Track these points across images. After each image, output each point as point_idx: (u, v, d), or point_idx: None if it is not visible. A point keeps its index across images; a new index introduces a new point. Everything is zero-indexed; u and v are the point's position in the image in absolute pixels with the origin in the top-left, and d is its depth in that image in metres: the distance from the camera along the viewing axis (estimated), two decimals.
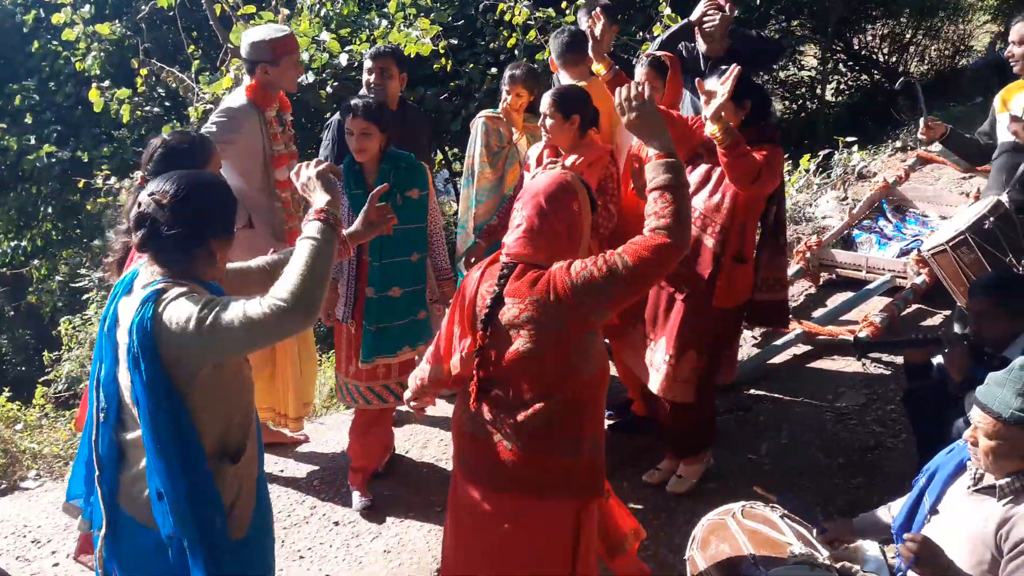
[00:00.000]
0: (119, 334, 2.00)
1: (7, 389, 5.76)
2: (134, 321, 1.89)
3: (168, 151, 2.56)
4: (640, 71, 3.68)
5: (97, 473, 2.06)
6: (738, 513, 2.61)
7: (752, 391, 4.25)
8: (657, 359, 3.34)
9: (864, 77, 11.31)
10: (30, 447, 4.77)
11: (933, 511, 2.40)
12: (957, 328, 3.58)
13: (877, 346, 3.88)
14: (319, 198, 2.07)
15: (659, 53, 3.76)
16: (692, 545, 2.62)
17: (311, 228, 1.97)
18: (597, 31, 3.25)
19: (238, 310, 1.83)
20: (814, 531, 2.63)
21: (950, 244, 3.51)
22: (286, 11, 6.12)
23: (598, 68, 3.32)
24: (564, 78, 4.07)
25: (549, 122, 3.34)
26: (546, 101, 3.36)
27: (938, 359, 2.95)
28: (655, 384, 3.35)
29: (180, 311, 1.85)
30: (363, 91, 3.90)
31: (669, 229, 2.08)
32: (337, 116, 3.89)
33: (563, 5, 6.82)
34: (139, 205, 1.98)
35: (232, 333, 1.82)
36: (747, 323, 3.70)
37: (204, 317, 1.83)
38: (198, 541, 1.91)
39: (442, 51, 6.58)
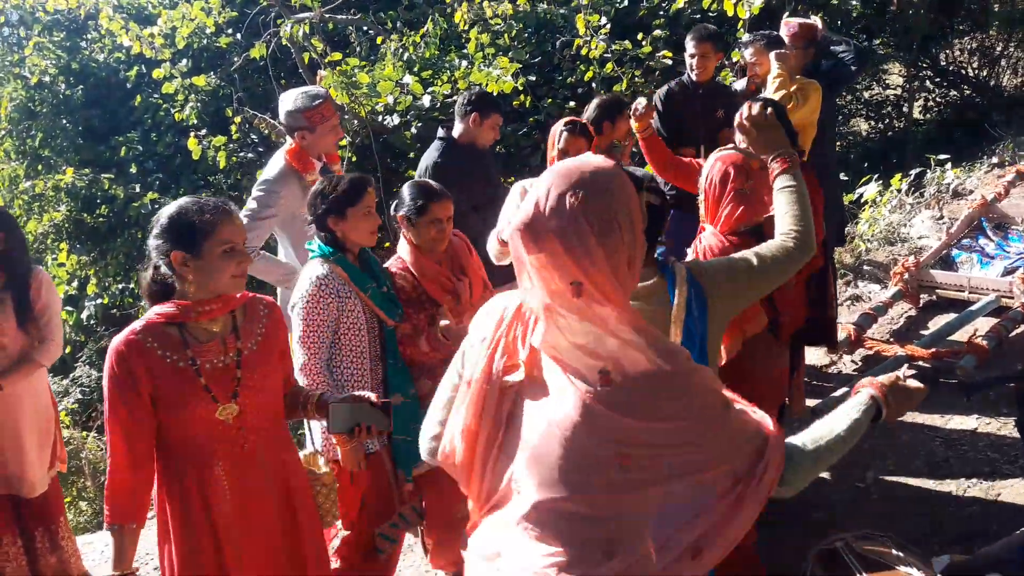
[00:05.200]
0: None
1: None
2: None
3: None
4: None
5: None
6: (852, 543, 2.54)
7: None
8: None
9: (953, 93, 10.95)
10: None
11: None
12: None
13: (986, 385, 3.70)
14: None
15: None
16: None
17: None
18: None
19: None
20: (932, 561, 2.54)
21: None
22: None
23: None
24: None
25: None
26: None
27: None
28: None
29: None
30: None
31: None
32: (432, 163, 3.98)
33: (639, 37, 6.87)
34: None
35: None
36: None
37: None
38: None
39: (521, 88, 6.71)
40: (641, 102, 3.72)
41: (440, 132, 4.07)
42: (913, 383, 1.66)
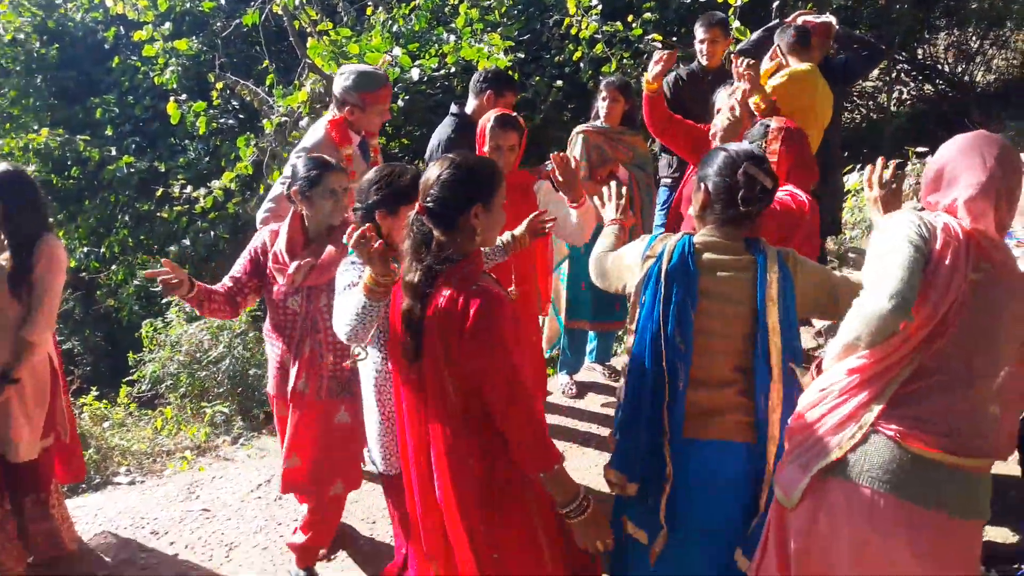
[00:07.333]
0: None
1: (94, 388, 5.96)
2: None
3: None
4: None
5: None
6: None
7: None
8: None
9: (927, 87, 11.15)
10: (119, 444, 4.94)
11: None
12: None
13: None
14: None
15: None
16: None
17: None
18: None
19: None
20: None
21: None
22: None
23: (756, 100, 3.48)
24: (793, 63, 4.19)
25: None
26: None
27: None
28: None
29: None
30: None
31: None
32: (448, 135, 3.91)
33: (629, 19, 6.88)
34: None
35: None
36: None
37: None
38: None
39: (509, 63, 6.68)
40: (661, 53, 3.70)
41: (453, 108, 4.01)
42: None
